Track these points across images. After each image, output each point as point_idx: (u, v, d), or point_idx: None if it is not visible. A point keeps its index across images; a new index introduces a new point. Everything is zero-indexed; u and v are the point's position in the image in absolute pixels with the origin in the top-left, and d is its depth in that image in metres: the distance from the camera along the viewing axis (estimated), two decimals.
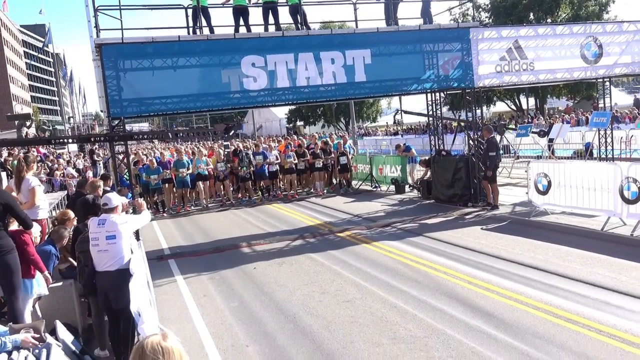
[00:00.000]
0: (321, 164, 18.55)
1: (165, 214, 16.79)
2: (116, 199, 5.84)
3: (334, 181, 19.20)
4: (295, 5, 12.30)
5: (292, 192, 18.37)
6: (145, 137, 11.38)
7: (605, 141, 16.88)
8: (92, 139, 14.29)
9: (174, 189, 17.65)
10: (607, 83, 16.67)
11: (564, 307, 6.30)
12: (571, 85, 36.31)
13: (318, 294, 7.65)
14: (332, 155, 18.87)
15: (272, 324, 6.69)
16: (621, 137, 19.36)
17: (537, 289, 7.02)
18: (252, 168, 17.93)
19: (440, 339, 5.74)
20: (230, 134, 8.86)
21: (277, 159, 18.46)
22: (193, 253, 11.08)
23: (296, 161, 18.36)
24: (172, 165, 17.42)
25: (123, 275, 5.36)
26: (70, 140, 17.62)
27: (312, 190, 18.97)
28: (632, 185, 9.32)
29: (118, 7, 10.99)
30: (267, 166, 18.06)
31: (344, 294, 7.56)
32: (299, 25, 12.39)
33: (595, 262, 7.92)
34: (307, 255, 10.00)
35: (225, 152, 18.40)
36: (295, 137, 28.41)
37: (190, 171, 17.19)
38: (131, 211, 8.07)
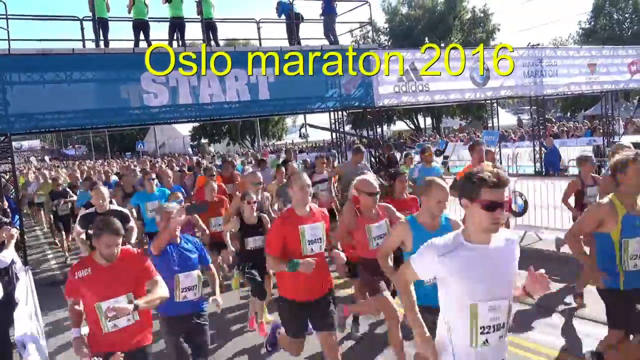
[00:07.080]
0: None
1: None
2: None
3: None
4: (210, 20, 12.13)
5: None
6: None
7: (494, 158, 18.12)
8: None
9: None
10: (495, 104, 17.98)
11: None
12: (463, 106, 38.82)
13: None
14: None
15: None
16: (508, 155, 20.89)
17: None
18: None
19: None
20: None
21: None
22: None
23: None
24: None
25: None
26: None
27: None
28: (518, 199, 10.07)
29: (5, 17, 10.16)
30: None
31: None
32: (212, 42, 12.22)
33: None
34: None
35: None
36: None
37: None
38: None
